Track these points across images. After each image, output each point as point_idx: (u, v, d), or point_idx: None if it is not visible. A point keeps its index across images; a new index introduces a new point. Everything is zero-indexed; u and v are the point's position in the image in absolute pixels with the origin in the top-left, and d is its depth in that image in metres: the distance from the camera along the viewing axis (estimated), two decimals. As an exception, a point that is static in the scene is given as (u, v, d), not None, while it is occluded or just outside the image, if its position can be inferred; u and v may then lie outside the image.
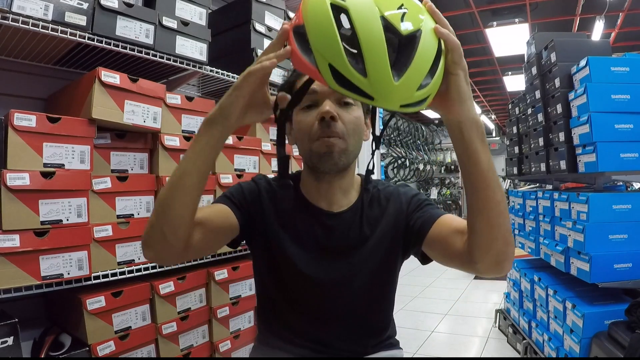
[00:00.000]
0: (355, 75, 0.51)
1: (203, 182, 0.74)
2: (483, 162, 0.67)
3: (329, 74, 0.52)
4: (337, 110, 0.81)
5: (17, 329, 1.01)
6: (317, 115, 0.81)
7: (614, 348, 1.61)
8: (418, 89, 0.54)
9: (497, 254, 0.70)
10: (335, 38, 0.51)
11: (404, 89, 0.52)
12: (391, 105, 0.53)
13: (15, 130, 1.05)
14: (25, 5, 1.06)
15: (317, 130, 0.81)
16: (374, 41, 0.51)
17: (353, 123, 0.83)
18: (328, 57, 0.52)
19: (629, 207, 1.82)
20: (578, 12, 5.42)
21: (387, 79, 0.51)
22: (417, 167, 9.12)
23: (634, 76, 1.93)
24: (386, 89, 0.51)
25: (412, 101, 0.55)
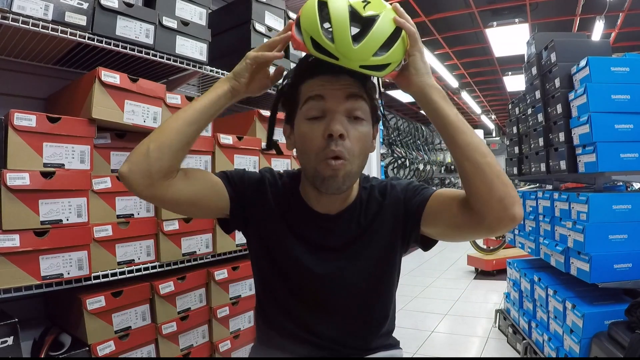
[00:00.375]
0: (326, 41, 0.71)
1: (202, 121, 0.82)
2: (450, 114, 0.77)
3: (310, 43, 0.73)
4: (346, 126, 0.78)
5: (17, 329, 1.01)
6: (324, 132, 0.78)
7: (614, 348, 1.61)
8: (374, 55, 0.72)
9: (500, 196, 0.72)
10: (315, 19, 0.73)
11: (360, 52, 0.71)
12: (351, 64, 0.72)
13: (15, 130, 1.05)
14: (25, 5, 1.06)
15: (323, 148, 0.78)
16: (340, 19, 0.71)
17: (361, 141, 0.81)
18: (310, 32, 0.73)
19: (629, 207, 1.82)
20: (578, 12, 5.42)
21: (348, 43, 0.71)
22: (417, 167, 9.12)
23: (634, 76, 1.93)
24: (347, 51, 0.71)
25: (370, 64, 0.72)
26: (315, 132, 0.79)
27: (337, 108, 0.78)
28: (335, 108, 0.78)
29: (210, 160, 1.56)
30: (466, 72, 8.36)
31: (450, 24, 6.03)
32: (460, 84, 8.93)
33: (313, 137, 0.79)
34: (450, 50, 7.04)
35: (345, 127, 0.78)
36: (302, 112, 0.81)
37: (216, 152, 1.57)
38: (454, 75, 8.26)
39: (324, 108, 0.79)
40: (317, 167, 0.79)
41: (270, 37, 1.84)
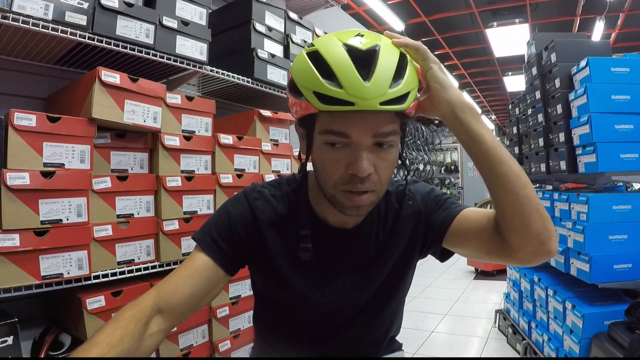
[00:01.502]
0: (333, 90, 0.62)
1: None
2: (487, 139, 0.68)
3: (315, 99, 0.63)
4: (373, 159, 0.66)
5: (16, 329, 1.01)
6: (347, 166, 0.66)
7: (614, 348, 1.61)
8: (390, 87, 0.63)
9: (537, 232, 0.65)
10: (312, 71, 0.64)
11: (375, 88, 0.62)
12: (370, 104, 0.61)
13: (15, 130, 1.05)
14: (25, 5, 1.06)
15: (346, 182, 0.67)
16: (340, 60, 0.63)
17: (389, 170, 0.70)
18: (312, 87, 0.64)
19: (629, 208, 1.82)
20: (578, 12, 5.42)
21: (358, 83, 0.61)
22: (417, 168, 9.12)
23: (634, 77, 1.93)
24: (360, 91, 0.61)
25: (389, 97, 0.62)
26: (337, 163, 0.67)
27: (364, 142, 0.65)
28: (362, 142, 0.65)
29: (210, 160, 1.56)
30: (466, 72, 8.37)
31: (451, 24, 6.03)
32: (461, 84, 8.93)
33: (335, 168, 0.67)
34: (451, 51, 7.04)
35: (373, 160, 0.66)
36: (321, 137, 0.67)
37: (216, 152, 1.57)
38: (454, 76, 8.26)
39: (348, 142, 0.66)
40: (336, 195, 0.69)
41: (270, 37, 1.84)
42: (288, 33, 1.93)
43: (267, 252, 0.79)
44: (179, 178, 1.43)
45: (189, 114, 1.50)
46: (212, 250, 0.75)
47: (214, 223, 0.78)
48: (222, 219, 0.78)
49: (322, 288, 0.80)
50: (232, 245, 0.76)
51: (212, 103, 1.58)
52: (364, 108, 0.61)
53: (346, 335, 0.85)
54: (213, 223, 0.78)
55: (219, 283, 0.76)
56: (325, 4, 2.32)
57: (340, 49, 0.64)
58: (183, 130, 1.48)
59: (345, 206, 0.69)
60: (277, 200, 0.80)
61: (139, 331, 0.64)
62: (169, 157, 1.43)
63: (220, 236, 0.76)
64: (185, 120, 1.49)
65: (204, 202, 1.52)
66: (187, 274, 0.73)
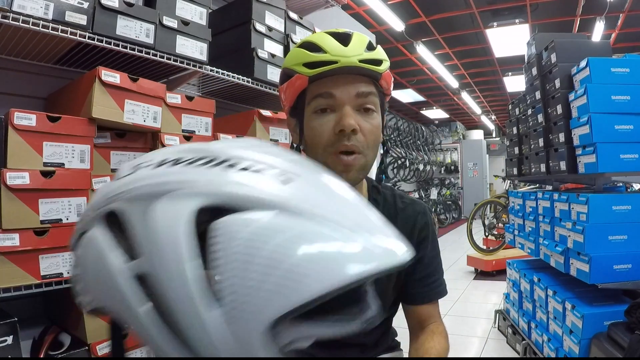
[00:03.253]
0: (318, 55, 0.73)
1: None
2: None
3: (304, 68, 0.74)
4: (358, 119, 0.73)
5: (16, 328, 1.01)
6: (334, 126, 0.73)
7: (614, 349, 1.61)
8: (365, 51, 0.74)
9: None
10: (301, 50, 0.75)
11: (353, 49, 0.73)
12: (350, 61, 0.72)
13: (15, 129, 1.05)
14: (25, 5, 1.06)
15: (334, 142, 0.73)
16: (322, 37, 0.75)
17: (373, 134, 0.76)
18: (301, 61, 0.74)
19: (629, 208, 1.82)
20: (578, 12, 5.43)
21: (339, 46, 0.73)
22: (417, 168, 9.12)
23: (634, 77, 1.93)
24: (341, 51, 0.73)
25: (366, 57, 0.73)
26: (325, 126, 0.74)
27: (348, 102, 0.74)
28: (346, 102, 0.73)
29: (210, 160, 1.56)
30: (466, 73, 8.37)
31: (451, 25, 6.03)
32: (461, 85, 8.93)
33: (323, 131, 0.74)
34: (451, 51, 7.04)
35: (357, 120, 0.73)
36: (311, 107, 0.75)
37: (216, 152, 1.57)
38: (454, 76, 8.26)
39: (334, 103, 0.74)
40: (326, 161, 0.74)
41: (270, 37, 1.84)
42: (288, 33, 1.93)
43: None
44: (179, 178, 1.43)
45: (189, 114, 1.50)
46: None
47: None
48: None
49: None
50: None
51: (212, 103, 1.58)
52: (346, 64, 0.71)
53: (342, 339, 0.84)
54: None
55: None
56: (325, 4, 2.33)
57: (321, 33, 0.77)
58: (183, 130, 1.48)
59: (336, 170, 0.73)
60: None
61: None
62: (169, 157, 1.43)
63: None
64: (185, 120, 1.49)
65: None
66: None
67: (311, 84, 0.74)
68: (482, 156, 11.66)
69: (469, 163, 11.66)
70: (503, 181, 6.55)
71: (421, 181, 10.20)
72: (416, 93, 9.92)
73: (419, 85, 9.28)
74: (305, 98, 0.76)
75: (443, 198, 9.97)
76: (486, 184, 11.60)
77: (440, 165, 11.45)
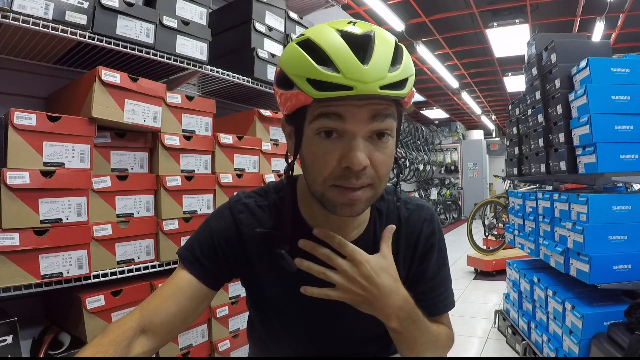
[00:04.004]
0: (330, 75, 0.57)
1: None
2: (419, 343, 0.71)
3: (308, 87, 0.58)
4: (370, 150, 0.61)
5: (16, 328, 1.01)
6: (340, 159, 0.60)
7: (613, 349, 1.61)
8: (389, 70, 0.59)
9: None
10: (305, 57, 0.59)
11: (375, 71, 0.57)
12: (370, 88, 0.57)
13: (15, 129, 1.05)
14: (25, 4, 1.06)
15: (338, 177, 0.61)
16: (335, 44, 0.58)
17: (387, 164, 0.64)
18: (305, 74, 0.59)
19: (629, 208, 1.82)
20: (578, 13, 5.43)
21: (357, 66, 0.57)
22: (417, 168, 9.12)
23: (634, 77, 1.93)
24: (359, 74, 0.57)
25: (389, 82, 0.58)
26: (329, 156, 0.61)
27: (360, 130, 0.60)
28: (357, 130, 0.60)
29: (210, 160, 1.56)
30: (466, 73, 8.37)
31: (451, 25, 6.03)
32: (461, 85, 8.93)
33: (326, 161, 0.61)
34: (451, 51, 7.04)
35: (369, 152, 0.61)
36: (313, 126, 0.62)
37: (216, 152, 1.57)
38: (455, 76, 8.26)
39: (342, 128, 0.60)
40: (325, 192, 0.63)
41: (270, 36, 1.84)
42: (288, 33, 1.93)
43: (252, 267, 0.76)
44: (179, 178, 1.44)
45: (189, 114, 1.50)
46: (195, 268, 0.72)
47: (196, 239, 0.75)
48: (205, 234, 0.75)
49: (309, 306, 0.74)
50: (215, 262, 0.73)
51: (212, 103, 1.58)
52: (364, 92, 0.56)
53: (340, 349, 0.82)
54: (196, 239, 0.76)
55: (204, 300, 0.74)
56: (325, 4, 2.33)
57: (334, 34, 0.60)
58: (183, 130, 1.48)
59: (337, 204, 0.63)
60: (264, 211, 0.76)
61: (120, 354, 0.61)
62: (168, 157, 1.43)
63: (203, 253, 0.73)
64: (185, 120, 1.49)
65: (204, 202, 1.52)
66: (170, 293, 0.71)
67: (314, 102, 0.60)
68: (482, 156, 11.66)
69: (469, 163, 11.66)
70: (503, 181, 6.55)
71: (421, 181, 10.20)
72: (416, 93, 9.90)
73: (419, 85, 9.28)
74: (306, 111, 0.63)
75: (443, 198, 9.98)
76: (486, 184, 11.60)
77: (440, 165, 11.45)
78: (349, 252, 0.65)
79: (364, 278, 0.65)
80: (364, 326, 0.80)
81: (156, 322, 0.68)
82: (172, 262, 1.43)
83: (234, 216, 0.75)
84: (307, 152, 0.65)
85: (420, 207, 0.82)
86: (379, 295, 0.65)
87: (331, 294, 0.66)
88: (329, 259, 0.65)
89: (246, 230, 0.74)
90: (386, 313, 0.67)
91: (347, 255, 0.65)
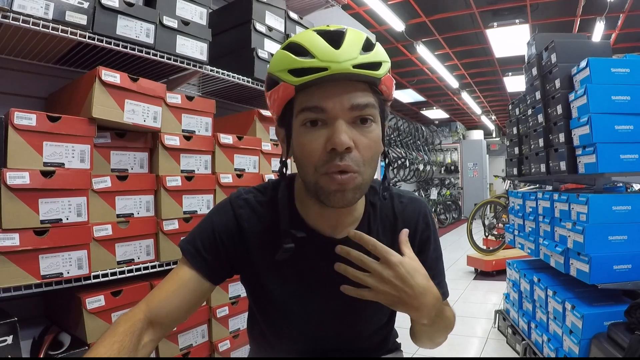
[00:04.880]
0: (306, 61, 0.64)
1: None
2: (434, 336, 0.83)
3: (289, 76, 0.66)
4: (353, 134, 0.65)
5: (16, 328, 1.01)
6: (326, 143, 0.64)
7: (613, 349, 1.61)
8: (361, 53, 0.65)
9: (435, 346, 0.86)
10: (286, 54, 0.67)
11: (346, 52, 0.64)
12: (343, 67, 0.63)
13: (15, 129, 1.05)
14: (25, 4, 1.06)
15: (326, 162, 0.65)
16: (311, 37, 0.66)
17: (371, 149, 0.67)
18: (286, 67, 0.66)
19: (629, 209, 1.82)
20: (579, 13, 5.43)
21: (329, 50, 0.64)
22: (417, 168, 9.12)
23: (635, 77, 1.93)
24: (332, 56, 0.64)
25: (361, 62, 0.64)
26: (315, 143, 0.65)
27: (340, 113, 0.65)
28: (339, 115, 0.65)
29: (210, 160, 1.56)
30: (466, 73, 8.37)
31: (451, 25, 6.03)
32: (461, 85, 8.93)
33: (313, 149, 0.66)
34: (451, 51, 7.04)
35: (353, 135, 0.65)
36: (299, 120, 0.67)
37: (216, 152, 1.57)
38: (455, 76, 8.26)
39: (325, 117, 0.65)
40: (318, 181, 0.67)
41: (270, 37, 1.84)
42: (288, 33, 1.93)
43: (252, 261, 0.78)
44: (179, 178, 1.44)
45: (189, 114, 1.50)
46: (197, 262, 0.75)
47: (198, 233, 0.78)
48: (207, 229, 0.77)
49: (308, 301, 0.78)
50: (217, 257, 0.76)
51: (212, 103, 1.58)
52: (337, 71, 0.63)
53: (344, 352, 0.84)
54: (198, 233, 0.78)
55: (205, 293, 0.77)
56: (325, 4, 2.33)
57: (311, 32, 0.68)
58: (183, 130, 1.48)
59: (329, 191, 0.66)
60: (263, 207, 0.79)
61: (134, 343, 0.66)
62: (168, 157, 1.43)
63: (205, 247, 0.76)
64: (185, 120, 1.49)
65: (204, 202, 1.52)
66: (175, 287, 0.74)
67: (299, 92, 0.66)
68: (482, 156, 11.66)
69: (469, 163, 11.65)
70: (503, 181, 6.55)
71: (421, 181, 10.20)
72: (416, 93, 9.92)
73: (419, 85, 9.28)
74: (293, 108, 0.68)
75: (443, 198, 9.97)
76: (486, 184, 11.60)
77: (440, 165, 11.45)
78: (383, 254, 0.67)
79: (398, 279, 0.66)
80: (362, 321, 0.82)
81: (162, 315, 0.72)
82: (172, 262, 1.43)
83: (235, 211, 0.78)
84: (296, 144, 0.69)
85: (413, 200, 0.85)
86: (414, 295, 0.67)
87: (366, 294, 0.68)
88: (362, 262, 0.67)
89: (246, 225, 0.77)
90: (421, 312, 0.69)
91: (381, 257, 0.67)
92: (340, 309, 0.78)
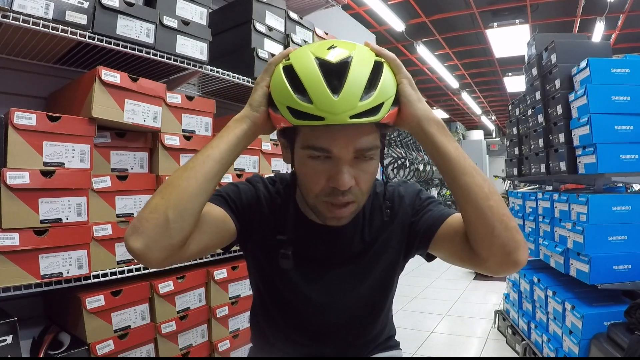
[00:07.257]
0: (304, 105, 0.64)
1: (223, 172, 0.71)
2: (450, 151, 0.70)
3: (288, 114, 0.66)
4: (355, 172, 0.69)
5: (16, 328, 1.01)
6: (329, 179, 0.69)
7: (613, 349, 1.61)
8: (362, 99, 0.64)
9: (502, 243, 0.66)
10: (286, 86, 0.66)
11: (344, 102, 0.63)
12: (339, 118, 0.63)
13: (15, 129, 1.05)
14: (26, 4, 1.06)
15: (328, 194, 0.70)
16: (310, 75, 0.64)
17: (371, 180, 0.73)
18: (285, 102, 0.66)
19: (629, 209, 1.82)
20: (579, 13, 5.43)
21: (327, 98, 0.62)
22: (417, 168, 9.12)
23: (635, 78, 1.93)
24: (329, 106, 0.62)
25: (360, 111, 0.63)
26: (318, 177, 0.70)
27: (344, 156, 0.68)
28: (343, 156, 0.68)
29: (210, 160, 1.56)
30: (466, 73, 8.37)
31: (451, 25, 6.03)
32: (461, 85, 8.94)
33: (315, 181, 0.70)
34: (451, 51, 7.05)
35: (354, 173, 0.69)
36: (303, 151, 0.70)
37: (216, 152, 1.57)
38: (455, 76, 8.27)
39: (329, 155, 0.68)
40: (317, 205, 0.73)
41: (270, 36, 1.84)
42: (288, 33, 1.93)
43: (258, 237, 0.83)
44: (179, 178, 1.43)
45: (189, 114, 1.50)
46: (225, 204, 0.79)
47: (223, 189, 0.82)
48: (232, 187, 0.83)
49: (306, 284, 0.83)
50: (239, 206, 0.80)
51: (212, 103, 1.58)
52: (333, 122, 0.63)
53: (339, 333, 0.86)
54: (223, 189, 0.82)
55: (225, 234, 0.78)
56: (325, 4, 2.33)
57: (312, 63, 0.65)
58: (183, 130, 1.48)
59: (326, 217, 0.73)
60: (271, 195, 0.85)
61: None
62: (168, 157, 1.43)
63: (230, 197, 0.80)
64: (186, 120, 1.49)
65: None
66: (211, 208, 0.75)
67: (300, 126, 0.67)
68: (482, 156, 11.66)
69: (469, 163, 11.64)
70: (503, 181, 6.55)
71: (421, 181, 10.20)
72: (416, 93, 9.91)
73: (419, 85, 9.24)
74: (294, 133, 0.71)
75: (443, 198, 9.96)
76: (486, 184, 11.57)
77: (440, 165, 11.43)
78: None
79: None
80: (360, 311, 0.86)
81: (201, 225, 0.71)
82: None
83: (253, 185, 0.85)
84: (299, 170, 0.73)
85: (403, 182, 0.91)
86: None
87: None
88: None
89: (263, 198, 0.83)
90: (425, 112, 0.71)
91: None
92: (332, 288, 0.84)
